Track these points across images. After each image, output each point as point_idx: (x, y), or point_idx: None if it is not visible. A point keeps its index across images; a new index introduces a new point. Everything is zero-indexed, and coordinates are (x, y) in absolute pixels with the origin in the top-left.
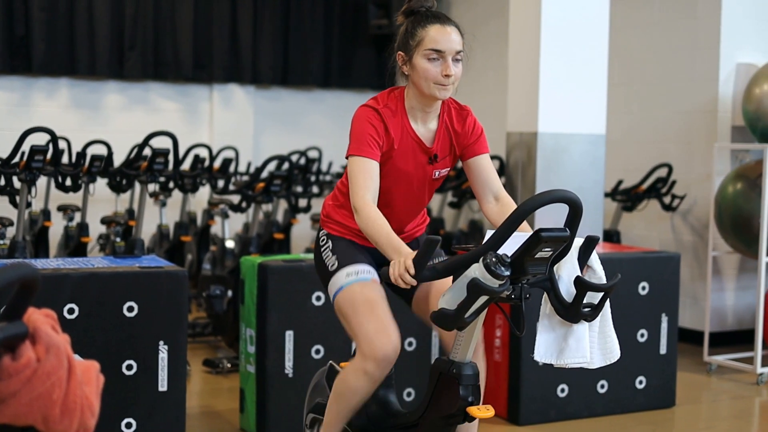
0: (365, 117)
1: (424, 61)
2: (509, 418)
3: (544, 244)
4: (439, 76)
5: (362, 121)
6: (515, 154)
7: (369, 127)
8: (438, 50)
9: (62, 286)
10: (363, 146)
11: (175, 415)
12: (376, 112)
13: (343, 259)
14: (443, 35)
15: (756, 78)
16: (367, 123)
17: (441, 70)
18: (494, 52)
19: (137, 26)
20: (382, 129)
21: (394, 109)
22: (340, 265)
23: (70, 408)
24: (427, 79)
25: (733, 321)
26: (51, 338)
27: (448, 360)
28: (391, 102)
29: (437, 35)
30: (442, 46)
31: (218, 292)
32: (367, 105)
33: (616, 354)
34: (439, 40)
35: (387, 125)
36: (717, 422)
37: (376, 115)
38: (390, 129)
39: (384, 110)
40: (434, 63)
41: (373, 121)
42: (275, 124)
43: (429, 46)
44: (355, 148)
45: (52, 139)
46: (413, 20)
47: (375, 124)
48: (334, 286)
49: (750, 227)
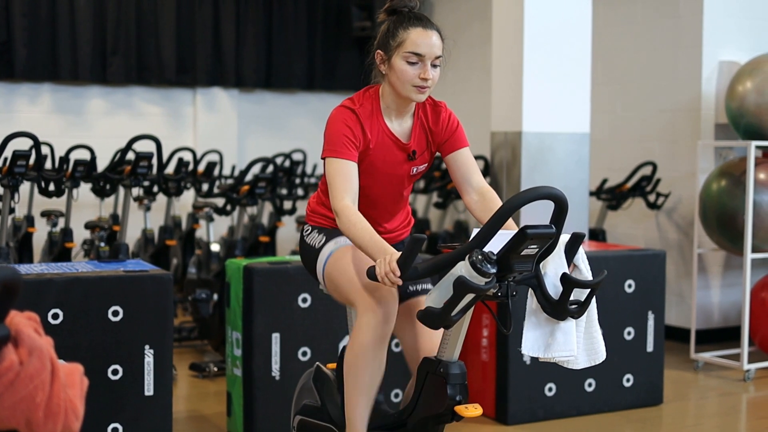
0: (341, 118)
1: (403, 63)
2: (497, 417)
3: (530, 241)
4: (417, 78)
5: (338, 122)
6: (500, 154)
7: (344, 128)
8: (418, 54)
9: (46, 291)
10: (339, 147)
11: (161, 419)
12: (353, 113)
13: (329, 235)
14: (424, 39)
15: (738, 75)
16: (343, 124)
17: (419, 73)
18: (478, 53)
19: (120, 31)
20: (358, 129)
21: (369, 108)
22: (328, 239)
23: (54, 411)
24: (404, 82)
25: (719, 318)
26: (34, 341)
27: (436, 359)
28: (367, 101)
29: (418, 39)
30: (423, 50)
31: (204, 295)
32: (343, 105)
33: (602, 355)
34: (419, 44)
35: (363, 125)
36: (704, 419)
37: (352, 116)
38: (366, 129)
39: (360, 110)
40: (413, 66)
41: (349, 122)
42: (259, 127)
43: (409, 49)
44: (331, 150)
45: (35, 145)
46: (395, 20)
47: (351, 125)
48: (322, 258)
49: (735, 224)
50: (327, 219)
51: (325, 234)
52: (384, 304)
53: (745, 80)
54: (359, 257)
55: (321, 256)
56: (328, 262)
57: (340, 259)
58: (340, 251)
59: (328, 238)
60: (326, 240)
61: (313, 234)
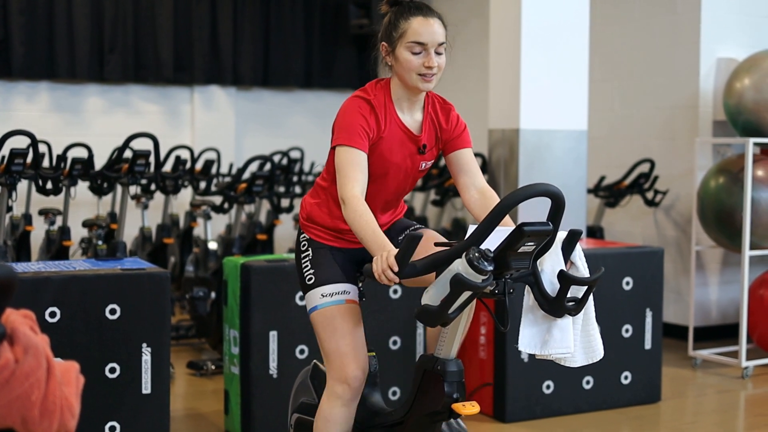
0: (356, 107)
1: (407, 53)
2: (495, 415)
3: (527, 238)
4: (422, 67)
5: (352, 111)
6: (498, 151)
7: (359, 117)
8: (420, 42)
9: (44, 289)
10: (353, 136)
11: (159, 417)
12: (367, 103)
13: (319, 275)
14: (426, 27)
15: (736, 72)
16: (358, 113)
17: (424, 62)
18: (476, 51)
19: (117, 29)
20: (372, 119)
21: (382, 98)
22: (316, 283)
23: (50, 409)
24: (410, 71)
25: (717, 315)
26: (29, 339)
27: (433, 357)
28: (379, 92)
29: (420, 27)
30: (425, 39)
31: (201, 294)
32: (357, 95)
33: (600, 353)
34: (421, 33)
35: (378, 115)
36: (703, 416)
37: (367, 105)
38: (380, 119)
39: (374, 100)
40: (417, 56)
41: (364, 111)
42: (257, 125)
43: (412, 39)
44: (345, 138)
45: (32, 143)
46: (396, 11)
47: (365, 115)
48: (309, 303)
49: (733, 221)
50: (323, 230)
51: (314, 271)
52: (354, 377)
53: (743, 77)
54: (337, 328)
55: (308, 299)
56: (314, 314)
57: (323, 321)
58: (324, 312)
59: (317, 279)
60: (314, 283)
61: (306, 258)
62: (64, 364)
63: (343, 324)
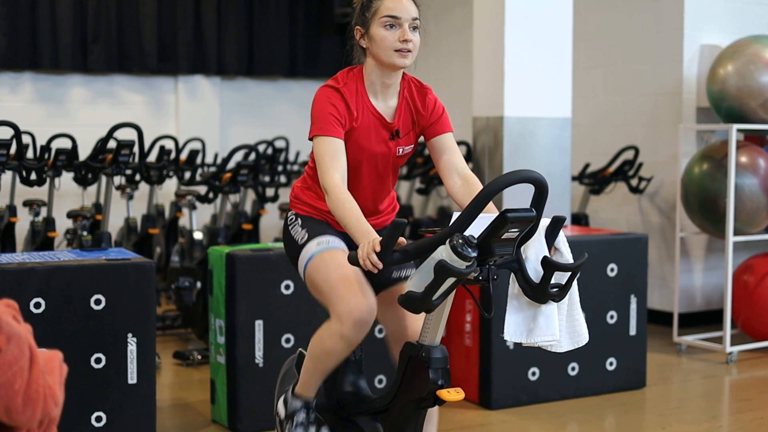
0: (325, 96)
1: (381, 29)
2: (481, 402)
3: (511, 224)
4: (397, 42)
5: (322, 100)
6: (482, 139)
7: (330, 106)
8: (394, 16)
9: (28, 280)
10: (326, 126)
11: (145, 407)
12: (337, 91)
13: (313, 231)
14: (398, 3)
15: (720, 59)
16: (327, 102)
17: (399, 36)
18: (460, 39)
19: (100, 19)
20: (343, 107)
21: (354, 86)
22: (310, 237)
23: (33, 398)
24: (386, 48)
25: (701, 301)
26: (12, 328)
27: (417, 344)
28: (351, 80)
29: (391, 3)
30: (398, 13)
31: (187, 284)
32: (327, 85)
33: (585, 337)
34: (394, 8)
35: (348, 103)
36: (687, 402)
37: (336, 94)
38: (351, 106)
39: (344, 88)
40: (391, 30)
41: (334, 100)
42: (241, 115)
43: (384, 14)
44: (319, 128)
45: (16, 134)
46: None
47: (335, 103)
48: (304, 258)
49: (716, 207)
50: (311, 207)
51: (307, 229)
52: (360, 316)
53: (727, 64)
54: (339, 263)
55: (303, 254)
56: (310, 264)
57: (322, 265)
58: (321, 256)
59: (310, 235)
60: (308, 237)
61: (296, 227)
62: (48, 353)
63: (343, 263)
